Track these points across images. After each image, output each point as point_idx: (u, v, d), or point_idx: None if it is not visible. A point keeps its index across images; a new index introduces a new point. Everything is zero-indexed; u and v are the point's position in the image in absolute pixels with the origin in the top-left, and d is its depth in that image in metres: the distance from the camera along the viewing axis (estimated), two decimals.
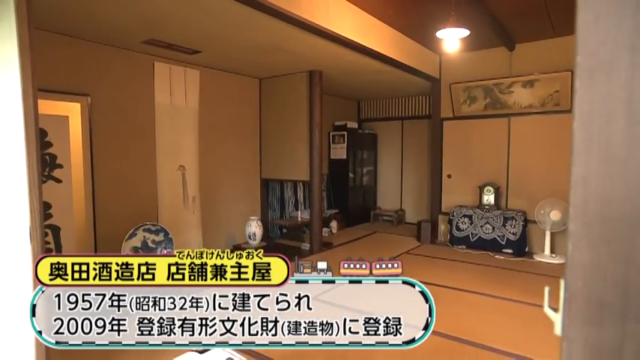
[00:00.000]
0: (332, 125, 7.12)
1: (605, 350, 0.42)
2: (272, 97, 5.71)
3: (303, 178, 5.40)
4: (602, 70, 0.41)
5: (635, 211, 0.40)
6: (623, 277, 0.41)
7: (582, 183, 0.42)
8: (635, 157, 0.40)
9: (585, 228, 0.43)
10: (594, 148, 0.42)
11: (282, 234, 6.17)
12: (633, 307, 0.40)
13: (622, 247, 0.41)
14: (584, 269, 0.43)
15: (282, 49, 4.27)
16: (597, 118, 0.41)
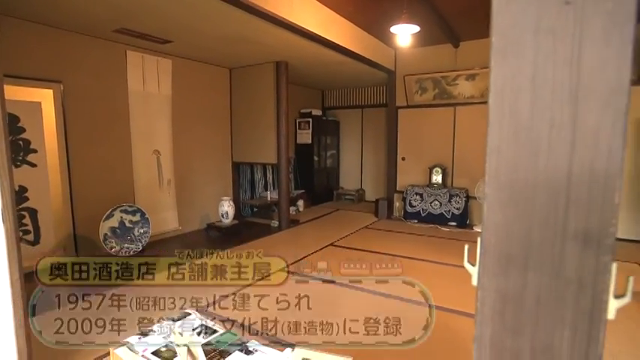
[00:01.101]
0: (298, 112, 7.05)
1: (510, 295, 0.44)
2: (242, 86, 5.57)
3: (271, 161, 5.35)
4: (511, 50, 0.42)
5: (536, 175, 0.42)
6: (526, 234, 0.43)
7: (496, 152, 0.44)
8: (537, 128, 0.41)
9: (498, 192, 0.44)
10: (506, 120, 0.43)
11: (252, 213, 6.11)
12: (533, 259, 0.42)
13: (526, 207, 0.43)
14: (496, 228, 0.44)
15: (250, 41, 4.14)
16: (508, 94, 0.42)
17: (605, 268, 0.39)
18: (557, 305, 0.41)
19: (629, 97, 0.35)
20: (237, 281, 3.32)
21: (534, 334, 0.43)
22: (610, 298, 0.39)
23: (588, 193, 0.39)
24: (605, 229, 0.38)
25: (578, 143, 0.39)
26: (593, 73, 0.38)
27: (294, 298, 3.01)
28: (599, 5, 0.37)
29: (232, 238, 4.78)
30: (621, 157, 0.37)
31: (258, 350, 1.71)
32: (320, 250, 4.32)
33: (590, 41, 0.38)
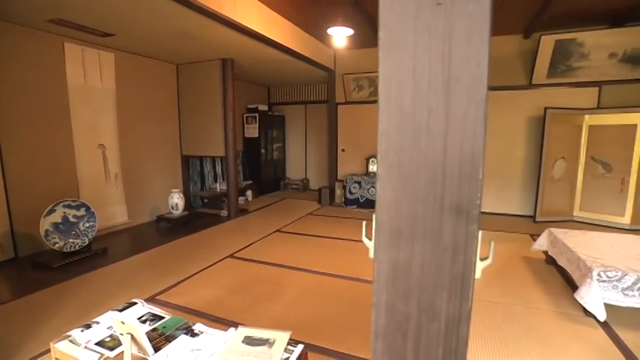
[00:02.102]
0: (245, 108, 6.86)
1: (401, 265, 0.46)
2: (189, 82, 5.28)
3: (219, 154, 5.16)
4: (396, 44, 0.43)
5: (419, 155, 0.43)
6: (412, 208, 0.44)
7: (385, 136, 0.44)
8: (418, 114, 0.42)
9: (388, 172, 0.45)
10: (392, 107, 0.44)
11: (203, 204, 5.89)
12: (418, 231, 0.44)
13: (412, 185, 0.44)
14: (388, 205, 0.45)
15: (195, 37, 3.92)
16: (394, 83, 0.43)
17: (473, 235, 0.41)
18: (437, 270, 0.44)
19: (488, 87, 0.38)
20: (187, 269, 3.20)
21: (420, 296, 0.45)
22: (477, 260, 0.42)
23: (459, 170, 0.41)
24: (473, 202, 0.41)
25: (451, 127, 0.41)
26: (460, 67, 0.40)
27: (240, 281, 2.97)
28: (463, 7, 0.38)
29: (182, 228, 4.57)
30: (483, 139, 0.39)
31: (204, 332, 1.65)
32: (267, 236, 4.28)
33: (457, 38, 0.40)
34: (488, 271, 3.17)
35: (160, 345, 1.55)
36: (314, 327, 2.26)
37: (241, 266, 3.33)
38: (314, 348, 1.99)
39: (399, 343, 0.47)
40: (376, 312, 0.47)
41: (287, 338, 1.51)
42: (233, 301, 2.64)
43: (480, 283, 2.91)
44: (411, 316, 0.46)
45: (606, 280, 2.31)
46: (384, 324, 0.47)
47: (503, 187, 5.34)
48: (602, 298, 2.31)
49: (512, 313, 2.44)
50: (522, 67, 5.05)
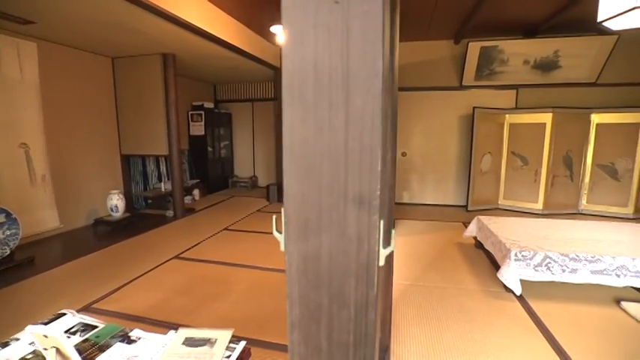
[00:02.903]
0: (190, 105, 6.55)
1: (310, 256, 0.46)
2: (127, 77, 4.90)
3: (163, 152, 4.87)
4: (298, 40, 0.42)
5: (322, 148, 0.43)
6: (317, 200, 0.44)
7: (290, 129, 0.44)
8: (320, 107, 0.43)
9: (294, 165, 0.45)
10: (296, 101, 0.43)
11: (147, 204, 5.53)
12: (324, 222, 0.44)
13: (316, 177, 0.44)
14: (295, 197, 0.45)
15: (131, 30, 3.64)
16: (297, 78, 0.43)
17: (375, 224, 0.42)
18: (344, 260, 0.44)
19: (382, 82, 0.39)
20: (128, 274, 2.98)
21: (330, 285, 0.45)
22: (380, 248, 0.43)
23: (360, 162, 0.42)
24: (374, 193, 0.42)
25: (351, 120, 0.41)
26: (358, 63, 0.40)
27: (186, 282, 2.84)
28: (359, 7, 0.39)
29: (124, 231, 4.25)
30: (380, 132, 0.40)
31: (142, 338, 1.55)
32: (214, 235, 4.13)
33: (354, 36, 0.40)
34: (427, 257, 3.36)
35: (93, 356, 1.42)
36: (260, 322, 2.23)
37: (187, 267, 3.18)
38: (259, 343, 1.96)
39: (313, 331, 0.47)
40: (290, 303, 0.47)
41: (229, 336, 1.47)
42: (178, 303, 2.52)
43: (419, 270, 3.07)
44: (323, 305, 0.46)
45: (521, 259, 2.57)
46: (299, 314, 0.47)
47: (440, 181, 5.69)
48: (518, 275, 2.56)
49: (445, 295, 2.61)
50: (454, 69, 5.39)
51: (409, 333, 2.14)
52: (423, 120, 5.61)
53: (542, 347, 2.00)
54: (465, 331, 2.15)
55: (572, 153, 5.02)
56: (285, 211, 0.46)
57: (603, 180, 4.98)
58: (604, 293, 2.63)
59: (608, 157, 4.92)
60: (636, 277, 2.48)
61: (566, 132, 4.94)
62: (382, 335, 1.94)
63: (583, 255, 2.53)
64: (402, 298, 2.56)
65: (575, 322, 2.27)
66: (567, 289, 2.67)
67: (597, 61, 4.81)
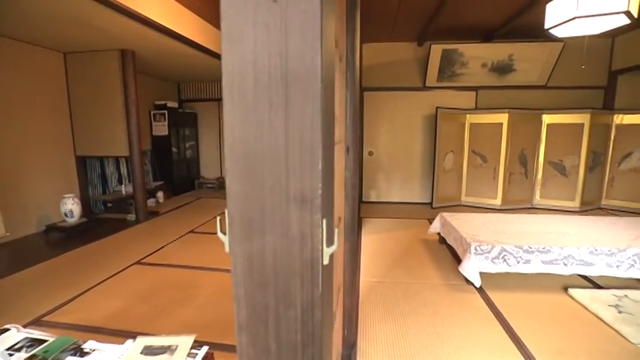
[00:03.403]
0: (153, 104, 6.30)
1: (255, 257, 0.45)
2: (82, 73, 4.62)
3: (122, 153, 4.65)
4: (237, 39, 0.42)
5: (263, 148, 0.43)
6: (260, 200, 0.44)
7: (231, 129, 0.43)
8: (261, 107, 0.42)
9: (235, 165, 0.44)
10: (236, 100, 0.43)
11: (106, 208, 5.25)
12: (268, 222, 0.44)
13: (258, 177, 0.44)
14: (238, 198, 0.45)
15: (84, 24, 3.44)
16: (236, 77, 0.42)
17: (317, 223, 0.43)
18: (289, 259, 0.44)
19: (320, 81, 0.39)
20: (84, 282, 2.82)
21: (276, 286, 0.45)
22: (324, 247, 0.44)
23: (300, 162, 0.42)
24: (315, 192, 0.42)
25: (291, 120, 0.42)
26: (297, 62, 0.40)
27: (149, 288, 2.73)
28: (297, 6, 0.39)
29: (80, 237, 4.01)
30: (320, 131, 0.41)
31: (96, 349, 1.47)
32: (179, 238, 4.00)
33: (293, 35, 0.40)
34: (393, 254, 3.44)
35: None
36: (225, 326, 2.18)
37: (150, 272, 3.05)
38: (223, 347, 1.92)
39: (261, 333, 0.46)
40: (237, 305, 0.46)
41: (191, 342, 1.43)
42: (139, 310, 2.41)
43: (386, 267, 3.14)
44: (270, 305, 0.46)
45: (480, 253, 2.69)
46: (246, 316, 0.46)
47: (407, 179, 5.84)
48: (478, 268, 2.68)
49: (411, 290, 2.69)
50: (418, 70, 5.56)
51: (376, 329, 2.18)
52: (389, 119, 5.74)
53: (499, 335, 2.11)
54: (428, 325, 2.22)
55: (527, 151, 5.34)
56: (229, 211, 0.45)
57: (554, 176, 5.33)
58: (554, 281, 2.82)
59: (558, 155, 5.28)
60: (581, 265, 2.68)
61: (521, 131, 5.24)
62: (349, 333, 1.96)
63: (535, 246, 2.69)
64: (369, 296, 2.61)
65: (528, 309, 2.41)
66: (521, 279, 2.83)
67: (547, 66, 5.14)
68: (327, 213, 0.45)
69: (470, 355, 1.93)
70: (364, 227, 4.42)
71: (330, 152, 0.50)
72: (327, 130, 0.47)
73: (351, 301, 1.89)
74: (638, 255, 2.64)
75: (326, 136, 0.45)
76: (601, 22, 2.75)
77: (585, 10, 2.64)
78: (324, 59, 0.41)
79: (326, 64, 0.43)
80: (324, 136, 0.42)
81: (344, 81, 1.60)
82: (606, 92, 5.42)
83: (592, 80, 5.41)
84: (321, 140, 0.41)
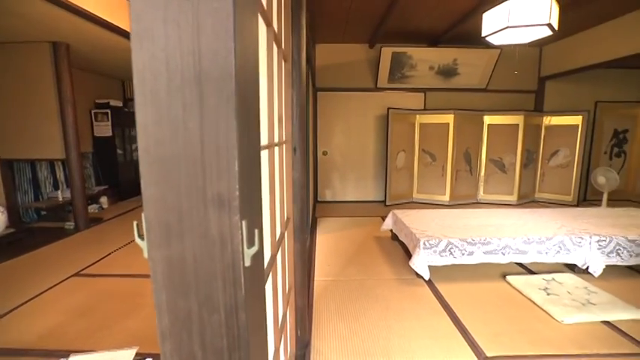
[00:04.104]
0: (94, 103, 5.86)
1: (175, 262, 0.44)
2: (6, 67, 4.18)
3: (58, 156, 4.27)
4: (147, 36, 0.40)
5: (178, 149, 0.42)
6: (177, 203, 0.43)
7: (144, 130, 0.42)
8: (174, 107, 0.41)
9: (150, 168, 0.43)
10: (149, 100, 0.42)
11: (40, 217, 4.80)
12: (186, 225, 0.43)
13: (174, 180, 0.43)
14: (154, 201, 0.43)
15: (7, 11, 3.11)
16: (148, 76, 0.41)
17: (236, 225, 0.43)
18: (209, 263, 0.44)
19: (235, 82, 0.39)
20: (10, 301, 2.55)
21: (198, 291, 0.44)
22: (245, 249, 0.44)
23: (217, 164, 0.42)
24: (233, 193, 0.42)
25: (205, 120, 0.41)
26: (210, 62, 0.40)
27: (89, 301, 2.54)
28: (209, 4, 0.39)
29: (7, 250, 3.62)
30: (235, 131, 0.41)
31: None
32: (125, 245, 3.77)
33: (205, 34, 0.40)
34: (347, 253, 3.51)
35: None
36: None
37: (91, 284, 2.84)
38: None
39: (185, 340, 0.45)
40: (159, 312, 0.45)
41: (132, 355, 1.35)
42: (78, 326, 2.23)
43: (340, 265, 3.19)
44: (193, 311, 0.45)
45: (429, 247, 2.83)
46: (168, 324, 0.45)
47: (361, 178, 5.99)
48: (426, 262, 2.82)
49: (364, 287, 2.76)
50: (370, 72, 5.72)
51: (329, 327, 2.21)
52: (343, 119, 5.85)
53: (446, 323, 2.24)
54: (380, 319, 2.29)
55: (471, 150, 5.71)
56: (146, 216, 0.43)
57: (495, 173, 5.76)
58: (494, 270, 3.05)
59: (498, 153, 5.71)
60: (517, 253, 2.92)
61: (465, 131, 5.59)
62: (302, 333, 1.97)
63: (477, 239, 2.89)
64: (323, 295, 2.64)
65: (471, 297, 2.58)
66: (466, 270, 3.03)
67: (486, 71, 5.54)
68: (248, 214, 0.45)
69: (419, 344, 2.02)
70: (319, 227, 4.46)
71: (253, 153, 0.50)
72: (248, 131, 0.46)
73: (303, 301, 1.90)
74: (563, 242, 2.94)
75: (246, 137, 0.45)
76: (528, 32, 3.02)
77: (515, 21, 2.88)
78: (239, 59, 0.41)
79: (242, 63, 0.43)
80: (241, 137, 0.42)
81: (290, 81, 1.61)
82: (537, 96, 5.96)
83: (525, 85, 5.92)
84: (236, 141, 0.41)
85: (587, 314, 2.30)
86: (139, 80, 0.40)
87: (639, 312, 2.33)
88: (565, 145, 5.64)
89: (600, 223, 3.35)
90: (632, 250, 2.94)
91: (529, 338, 2.09)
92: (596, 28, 4.71)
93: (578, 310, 2.35)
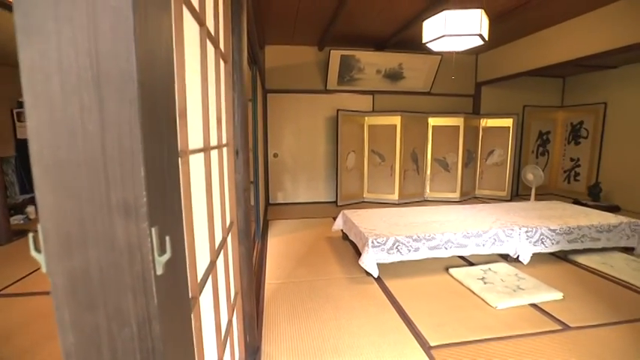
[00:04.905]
0: (16, 101, 5.28)
1: (78, 275, 0.41)
2: None
3: None
4: (37, 32, 0.38)
5: (78, 155, 0.40)
6: (79, 212, 0.41)
7: (36, 134, 0.39)
8: (71, 110, 0.39)
9: (46, 174, 0.40)
10: (41, 102, 0.39)
11: None
12: (90, 235, 0.41)
13: (74, 187, 0.40)
14: (52, 211, 0.40)
15: None
16: (39, 76, 0.38)
17: (145, 233, 0.41)
18: (117, 274, 0.42)
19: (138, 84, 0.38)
20: None
21: (106, 304, 0.42)
22: (155, 256, 0.42)
23: (121, 169, 0.40)
24: (140, 200, 0.40)
25: (107, 125, 0.39)
26: (109, 63, 0.38)
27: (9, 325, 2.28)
28: (107, 2, 0.37)
29: None
30: (139, 135, 0.39)
31: None
32: None
33: (103, 34, 0.38)
34: (298, 254, 3.51)
35: None
36: None
37: (14, 304, 2.56)
38: None
39: (93, 358, 0.43)
40: (62, 330, 0.42)
41: None
42: None
43: (291, 267, 3.19)
44: (101, 326, 0.42)
45: (377, 246, 2.93)
46: (74, 341, 0.42)
47: (312, 179, 6.04)
48: (375, 260, 2.92)
49: (315, 287, 2.78)
50: (319, 74, 5.79)
51: (280, 330, 2.20)
52: (294, 121, 5.86)
53: (393, 318, 2.33)
54: (331, 319, 2.33)
55: (417, 150, 6.01)
56: (43, 227, 0.40)
57: (439, 172, 6.12)
58: (438, 264, 3.23)
59: (442, 153, 6.07)
60: (458, 247, 3.13)
61: (412, 132, 5.88)
62: (251, 338, 1.94)
63: (422, 235, 3.04)
64: (274, 297, 2.62)
65: (417, 291, 2.72)
66: (413, 266, 3.18)
67: (429, 75, 5.87)
68: (160, 221, 0.44)
69: (368, 340, 2.08)
70: (271, 229, 4.42)
71: (168, 157, 0.48)
72: (159, 135, 0.45)
73: (252, 305, 1.87)
74: (497, 234, 3.20)
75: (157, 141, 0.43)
76: (463, 41, 3.25)
77: (451, 30, 3.09)
78: (144, 60, 0.40)
79: (149, 65, 0.42)
80: (149, 141, 0.41)
81: (230, 82, 1.58)
82: (474, 100, 6.44)
83: (464, 89, 6.37)
84: (142, 145, 0.39)
85: (517, 299, 2.53)
86: (28, 79, 0.37)
87: (559, 294, 2.61)
88: (499, 145, 6.16)
89: (528, 215, 3.71)
90: (553, 239, 3.29)
91: (468, 325, 2.25)
92: (521, 40, 5.21)
93: (509, 295, 2.58)
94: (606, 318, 2.32)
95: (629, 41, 3.67)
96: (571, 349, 2.00)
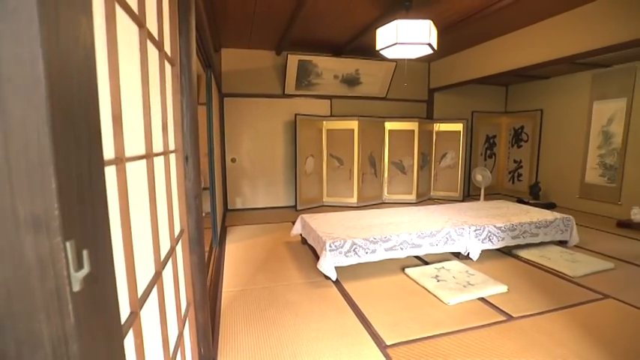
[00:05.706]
0: None
1: None
2: None
3: None
4: None
5: None
6: None
7: None
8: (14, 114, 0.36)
9: None
10: None
11: None
12: None
13: None
14: None
15: None
16: None
17: (58, 247, 0.39)
18: (27, 292, 0.39)
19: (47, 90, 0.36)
20: None
21: (15, 327, 0.39)
22: (71, 272, 0.40)
23: (29, 180, 0.37)
24: (51, 212, 0.38)
25: (11, 134, 0.37)
26: (12, 68, 0.36)
27: None
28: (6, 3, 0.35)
29: None
30: (51, 146, 0.37)
31: None
32: None
33: (4, 37, 0.36)
34: (257, 260, 3.46)
35: None
36: None
37: None
38: None
39: None
40: None
41: None
42: None
43: (250, 274, 3.13)
44: (10, 353, 0.39)
45: (335, 249, 2.97)
46: None
47: (271, 184, 5.99)
48: (333, 263, 2.95)
49: (274, 294, 2.75)
50: (277, 78, 5.78)
51: (237, 340, 2.15)
52: (251, 126, 5.79)
53: (351, 320, 2.37)
54: (290, 324, 2.31)
55: (375, 153, 6.18)
56: None
57: (396, 174, 6.33)
58: (395, 265, 3.34)
59: (398, 156, 6.29)
60: (413, 247, 3.25)
61: (369, 136, 6.03)
62: (205, 350, 1.87)
63: (379, 237, 3.13)
64: (231, 306, 2.55)
65: (375, 292, 2.78)
66: (370, 267, 3.25)
67: (385, 81, 6.08)
68: (77, 235, 0.41)
69: (326, 344, 2.10)
70: (229, 236, 4.32)
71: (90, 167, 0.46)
72: (78, 143, 0.43)
73: (206, 316, 1.81)
74: (449, 233, 3.37)
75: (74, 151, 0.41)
76: (414, 49, 3.41)
77: (402, 39, 3.23)
78: (55, 65, 0.38)
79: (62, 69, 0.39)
80: (62, 151, 0.38)
81: (178, 86, 1.53)
82: (428, 105, 6.76)
83: (418, 95, 6.66)
84: (52, 155, 0.37)
85: (467, 294, 2.68)
86: None
87: (504, 287, 2.80)
88: (452, 148, 6.50)
89: (477, 214, 3.94)
90: (499, 236, 3.52)
91: (422, 322, 2.34)
92: (469, 50, 5.56)
93: (460, 291, 2.72)
94: (544, 306, 2.53)
95: (560, 54, 4.06)
96: (513, 337, 2.15)
